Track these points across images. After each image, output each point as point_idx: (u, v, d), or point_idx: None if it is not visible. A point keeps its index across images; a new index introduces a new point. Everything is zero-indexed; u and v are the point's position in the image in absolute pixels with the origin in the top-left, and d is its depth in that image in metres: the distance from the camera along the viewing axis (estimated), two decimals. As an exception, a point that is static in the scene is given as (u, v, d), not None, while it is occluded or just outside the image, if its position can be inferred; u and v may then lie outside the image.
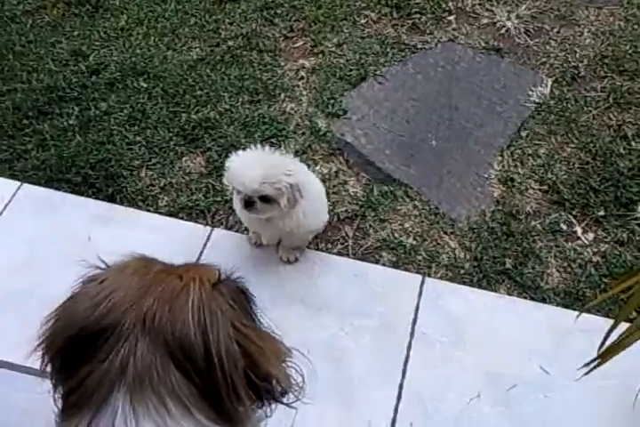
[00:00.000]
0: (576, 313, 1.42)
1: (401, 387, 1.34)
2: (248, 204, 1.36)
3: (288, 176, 1.35)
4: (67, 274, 1.47)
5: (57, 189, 1.74)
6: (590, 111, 1.92)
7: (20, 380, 1.31)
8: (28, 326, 1.38)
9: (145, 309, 0.72)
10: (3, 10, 2.18)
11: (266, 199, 1.35)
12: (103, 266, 0.82)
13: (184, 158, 1.84)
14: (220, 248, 1.54)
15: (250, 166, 1.35)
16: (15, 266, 1.50)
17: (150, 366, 0.68)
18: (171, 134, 1.88)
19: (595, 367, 0.91)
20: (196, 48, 2.10)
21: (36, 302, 1.45)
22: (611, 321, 1.12)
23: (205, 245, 1.53)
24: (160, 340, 0.70)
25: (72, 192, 1.73)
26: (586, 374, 0.91)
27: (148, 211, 1.71)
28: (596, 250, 1.63)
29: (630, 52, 2.05)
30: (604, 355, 0.92)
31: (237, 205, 1.44)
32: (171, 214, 1.71)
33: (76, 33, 2.15)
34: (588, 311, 1.44)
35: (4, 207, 1.60)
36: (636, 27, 2.12)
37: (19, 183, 1.67)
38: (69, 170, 1.80)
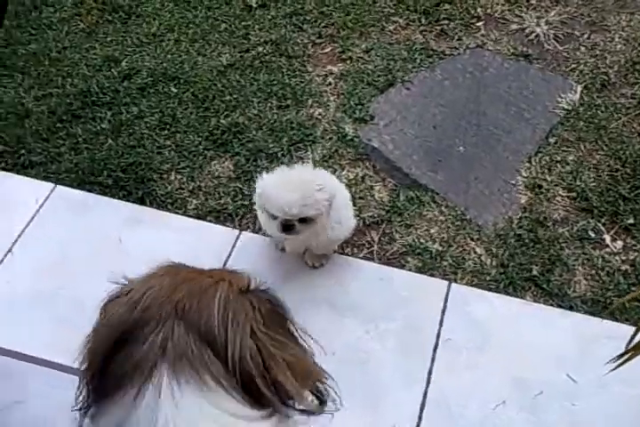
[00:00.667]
0: (603, 321, 1.45)
1: (426, 392, 1.36)
2: (287, 227, 1.36)
3: (322, 193, 1.34)
4: (97, 275, 1.55)
5: (89, 191, 1.81)
6: (620, 118, 1.93)
7: (55, 376, 1.37)
8: (59, 324, 1.46)
9: (176, 300, 0.77)
10: (40, 17, 2.28)
11: (304, 220, 1.36)
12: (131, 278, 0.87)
13: (213, 162, 1.90)
14: (247, 251, 1.59)
15: (285, 190, 1.33)
16: (48, 266, 1.57)
17: (187, 345, 0.74)
18: (200, 139, 1.95)
19: (622, 364, 0.93)
20: (225, 54, 2.17)
21: (66, 301, 1.52)
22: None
23: (233, 247, 1.58)
24: (192, 326, 0.75)
25: (103, 195, 1.80)
26: (613, 369, 0.92)
27: (177, 213, 1.77)
28: (624, 258, 1.64)
29: (662, 58, 2.06)
30: (634, 349, 0.94)
31: (268, 225, 1.44)
32: (199, 217, 1.77)
33: (109, 39, 2.24)
34: (615, 319, 1.45)
35: (39, 208, 1.67)
36: (668, 32, 2.12)
37: (52, 185, 1.75)
38: (101, 173, 1.87)
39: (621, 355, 0.94)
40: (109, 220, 1.65)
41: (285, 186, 1.35)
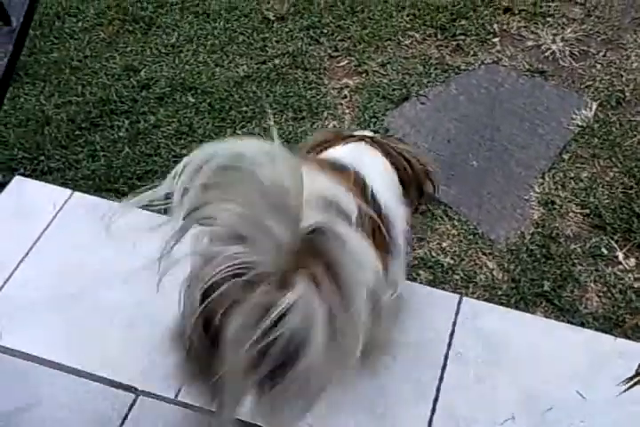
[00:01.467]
0: (615, 338, 1.47)
1: (435, 405, 1.38)
2: None
3: None
4: (113, 280, 1.59)
5: (105, 198, 1.86)
6: (635, 136, 1.96)
7: (65, 379, 1.41)
8: (74, 328, 1.50)
9: None
10: (63, 27, 2.36)
11: None
12: None
13: (227, 172, 1.94)
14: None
15: None
16: (64, 270, 1.62)
17: None
18: (216, 148, 2.00)
19: (632, 386, 0.95)
20: (243, 65, 2.23)
21: (82, 305, 1.56)
22: None
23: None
24: None
25: (119, 201, 1.85)
26: (624, 391, 0.94)
27: (191, 221, 1.81)
28: (637, 276, 1.66)
29: (676, 77, 2.09)
30: None
31: None
32: (213, 226, 1.81)
33: (129, 49, 2.31)
34: (627, 337, 1.47)
35: (56, 213, 1.72)
36: (685, 51, 2.16)
37: (70, 191, 1.80)
38: (117, 180, 1.92)
39: (632, 377, 0.96)
40: (124, 225, 1.70)
41: None
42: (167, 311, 1.51)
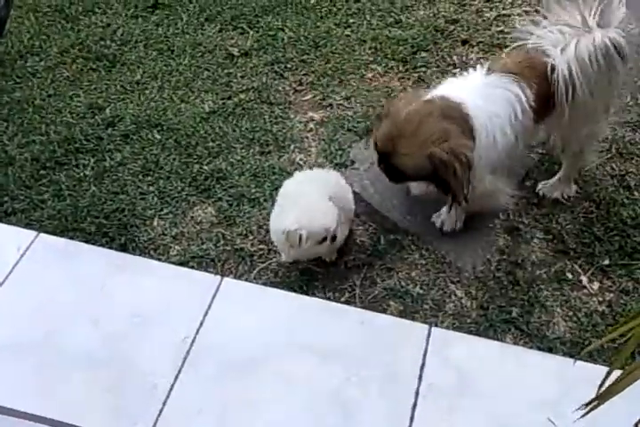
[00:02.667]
0: (583, 363, 1.52)
1: (409, 437, 1.41)
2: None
3: None
4: (81, 322, 1.59)
5: (72, 238, 1.87)
6: (593, 162, 2.06)
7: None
8: (40, 375, 1.50)
9: None
10: (25, 66, 2.39)
11: None
12: None
13: (195, 208, 1.98)
14: (229, 297, 1.65)
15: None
16: (31, 313, 1.62)
17: None
18: (183, 184, 2.03)
19: (592, 409, 0.99)
20: (208, 101, 2.29)
21: (48, 350, 1.56)
22: (618, 371, 1.21)
23: (216, 293, 1.64)
24: None
25: (86, 241, 1.86)
26: (583, 416, 0.99)
27: (160, 260, 1.83)
28: (601, 299, 1.73)
29: (631, 104, 2.21)
30: (603, 397, 1.00)
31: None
32: (181, 263, 1.83)
33: (93, 87, 2.35)
34: (594, 360, 1.52)
35: (21, 256, 1.73)
36: (636, 80, 2.29)
37: (35, 233, 1.81)
38: (84, 219, 1.94)
39: (590, 401, 1.00)
40: (92, 267, 1.71)
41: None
42: (135, 353, 1.53)
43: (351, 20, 2.60)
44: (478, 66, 1.71)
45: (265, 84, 2.35)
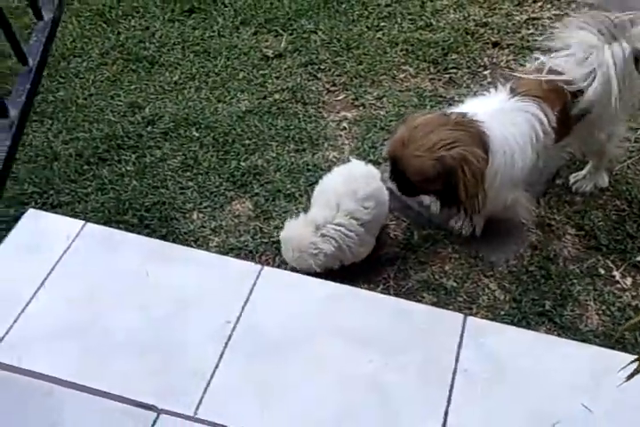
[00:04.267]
0: (616, 353, 1.57)
1: (445, 422, 1.47)
2: None
3: None
4: (127, 307, 1.69)
5: (115, 228, 1.98)
6: (625, 161, 2.11)
7: (87, 399, 1.50)
8: (91, 354, 1.59)
9: None
10: (68, 67, 2.53)
11: None
12: None
13: (233, 202, 2.08)
14: (269, 284, 1.73)
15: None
16: (79, 299, 1.71)
17: None
18: (221, 180, 2.14)
19: (635, 373, 1.05)
20: (244, 100, 2.40)
21: (96, 333, 1.65)
22: None
23: (256, 281, 1.73)
24: None
25: (129, 233, 1.97)
26: (627, 379, 1.04)
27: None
28: (634, 294, 1.78)
29: (662, 104, 2.27)
30: None
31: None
32: (221, 254, 1.92)
33: (133, 87, 2.48)
34: (628, 352, 1.57)
35: (70, 244, 1.83)
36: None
37: (83, 222, 1.91)
38: (126, 212, 2.05)
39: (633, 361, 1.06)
40: (137, 255, 1.81)
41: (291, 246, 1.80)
42: (180, 337, 1.62)
43: (382, 24, 2.70)
44: (501, 86, 1.73)
45: (299, 84, 2.45)
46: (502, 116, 1.65)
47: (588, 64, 1.66)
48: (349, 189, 1.78)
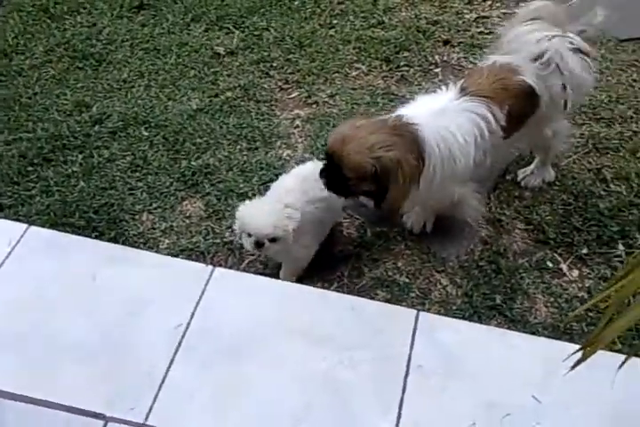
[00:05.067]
0: (564, 344, 1.62)
1: (399, 417, 1.48)
2: (258, 244, 1.70)
3: (291, 220, 1.69)
4: (74, 313, 1.64)
5: (62, 231, 1.92)
6: (571, 156, 2.18)
7: (34, 411, 1.45)
8: (37, 363, 1.54)
9: None
10: (10, 64, 2.45)
11: (273, 239, 1.69)
12: None
13: (184, 203, 2.05)
14: (220, 286, 1.72)
15: (259, 216, 1.69)
16: (23, 306, 1.66)
17: None
18: (171, 180, 2.10)
19: (579, 362, 1.08)
20: (195, 98, 2.37)
21: (40, 341, 1.60)
22: (600, 351, 1.31)
23: (207, 282, 1.71)
24: None
25: (76, 236, 1.92)
26: (572, 368, 1.08)
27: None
28: (580, 285, 1.83)
29: (606, 101, 2.34)
30: (589, 345, 1.09)
31: (244, 240, 1.76)
32: (171, 256, 1.89)
33: (79, 85, 2.42)
34: (576, 343, 1.62)
35: (12, 249, 1.77)
36: (609, 78, 2.43)
37: (25, 226, 1.86)
38: (73, 214, 2.00)
39: (577, 351, 1.09)
40: (83, 258, 1.77)
41: (259, 211, 1.71)
42: (129, 342, 1.59)
43: (335, 21, 2.71)
44: (451, 85, 1.75)
45: (251, 82, 2.44)
46: (443, 117, 1.67)
47: (539, 59, 1.71)
48: (302, 188, 1.78)
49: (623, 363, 1.10)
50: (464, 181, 1.77)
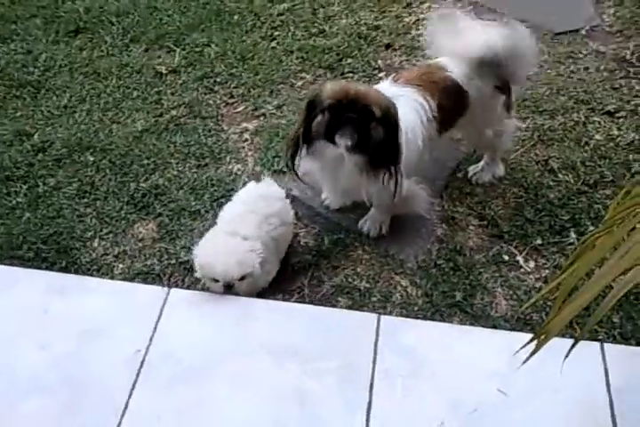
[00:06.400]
0: (526, 335, 1.65)
1: (367, 422, 1.50)
2: (228, 287, 1.71)
3: (255, 254, 1.70)
4: (28, 349, 1.62)
5: (9, 265, 1.90)
6: (518, 149, 2.25)
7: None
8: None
9: None
10: (-56, 98, 2.42)
11: (242, 277, 1.70)
12: None
13: (136, 226, 2.04)
14: (178, 307, 1.72)
15: (220, 258, 1.68)
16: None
17: None
18: (121, 204, 2.10)
19: (533, 353, 1.12)
20: (140, 119, 2.37)
21: (-4, 378, 1.57)
22: (559, 340, 1.35)
23: (164, 305, 1.70)
24: None
25: (25, 268, 1.89)
26: (525, 362, 1.11)
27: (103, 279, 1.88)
28: (538, 276, 1.88)
29: (547, 93, 2.43)
30: (540, 335, 1.13)
31: (212, 285, 1.75)
32: (127, 281, 1.88)
33: (18, 114, 2.40)
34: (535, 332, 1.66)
35: (-43, 287, 1.74)
36: (549, 71, 2.52)
37: (-30, 263, 1.83)
38: (20, 246, 1.97)
39: (529, 342, 1.14)
40: (33, 291, 1.74)
41: (220, 253, 1.69)
42: (88, 372, 1.57)
43: (276, 33, 2.76)
44: (385, 78, 1.82)
45: (196, 99, 2.45)
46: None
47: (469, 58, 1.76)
48: (250, 210, 1.79)
49: (571, 349, 1.14)
50: (410, 173, 1.80)
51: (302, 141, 1.71)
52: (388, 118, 1.64)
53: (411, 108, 1.74)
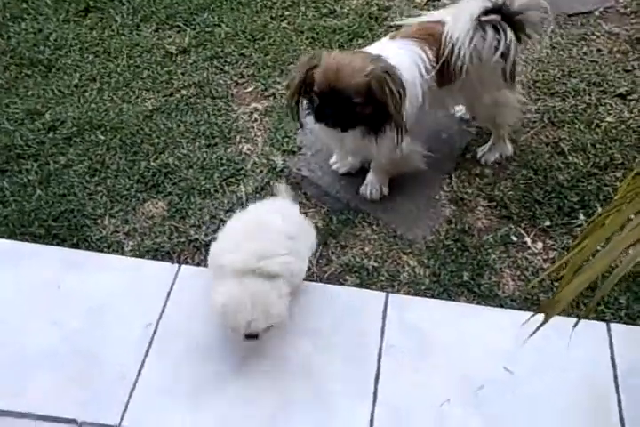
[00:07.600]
0: (535, 317, 1.66)
1: (375, 398, 1.52)
2: (251, 337, 1.51)
3: (281, 302, 1.52)
4: (39, 323, 1.65)
5: (21, 241, 1.92)
6: (528, 131, 2.23)
7: (4, 422, 1.45)
8: (6, 373, 1.54)
9: None
10: (-45, 75, 2.42)
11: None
12: None
13: (146, 204, 2.05)
14: (188, 283, 1.73)
15: (244, 309, 1.46)
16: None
17: None
18: (131, 182, 2.10)
19: (542, 324, 1.13)
20: (150, 99, 2.37)
21: (8, 353, 1.60)
22: (564, 318, 1.36)
23: (174, 281, 1.72)
24: None
25: (37, 244, 1.91)
26: (532, 334, 1.12)
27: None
28: (545, 257, 1.88)
29: (559, 75, 2.40)
30: (545, 309, 1.14)
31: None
32: (137, 257, 1.90)
33: (30, 93, 2.40)
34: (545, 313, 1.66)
35: (-29, 262, 1.76)
36: (561, 53, 2.49)
37: (-18, 237, 1.85)
38: (32, 223, 1.99)
39: (533, 315, 1.14)
40: (46, 266, 1.76)
41: (243, 303, 1.47)
42: (98, 347, 1.59)
43: (287, 13, 2.73)
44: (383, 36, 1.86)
45: (206, 78, 2.44)
46: (393, 53, 1.76)
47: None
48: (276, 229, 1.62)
49: (575, 324, 1.14)
50: (411, 126, 1.81)
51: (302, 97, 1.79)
52: (376, 95, 1.68)
53: (410, 62, 1.77)
